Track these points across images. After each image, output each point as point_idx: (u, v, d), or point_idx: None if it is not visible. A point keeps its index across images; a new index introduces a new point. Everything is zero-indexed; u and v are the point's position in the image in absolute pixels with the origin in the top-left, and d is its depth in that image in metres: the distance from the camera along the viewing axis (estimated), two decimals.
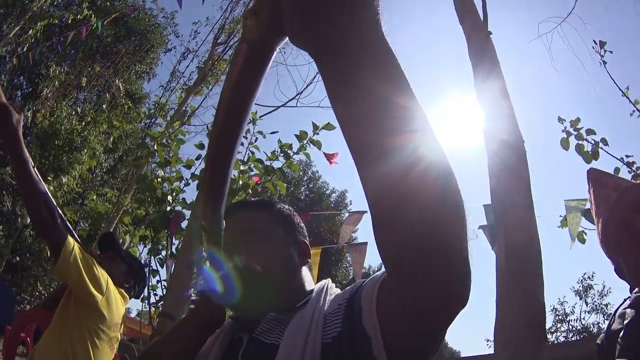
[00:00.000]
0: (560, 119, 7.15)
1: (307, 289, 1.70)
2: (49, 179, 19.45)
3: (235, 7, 17.46)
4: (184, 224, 5.88)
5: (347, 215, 6.62)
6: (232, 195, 5.58)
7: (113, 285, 3.52)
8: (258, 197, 5.53)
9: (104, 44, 25.04)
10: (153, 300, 6.00)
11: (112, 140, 23.13)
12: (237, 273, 1.60)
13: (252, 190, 5.70)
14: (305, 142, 5.88)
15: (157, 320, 5.44)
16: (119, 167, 25.17)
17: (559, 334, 30.74)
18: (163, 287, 5.94)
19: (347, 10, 0.79)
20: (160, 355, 1.71)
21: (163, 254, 6.14)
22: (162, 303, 5.76)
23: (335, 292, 1.63)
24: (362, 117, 0.87)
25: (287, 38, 0.93)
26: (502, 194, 4.23)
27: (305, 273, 1.77)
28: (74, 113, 22.46)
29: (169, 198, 5.99)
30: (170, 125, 6.60)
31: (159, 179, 6.09)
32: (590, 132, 7.03)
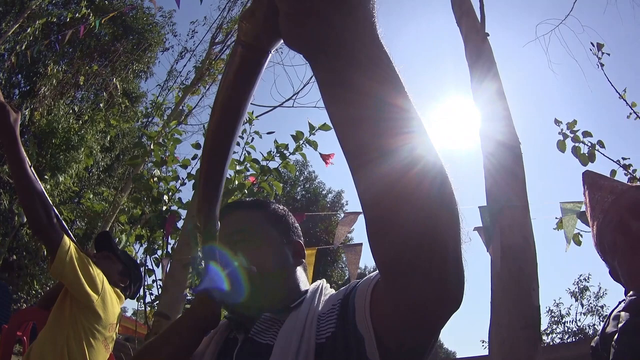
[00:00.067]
0: (557, 121, 7.15)
1: (301, 290, 1.70)
2: (46, 178, 19.40)
3: (233, 6, 17.46)
4: (180, 224, 5.89)
5: (342, 216, 6.62)
6: (227, 195, 5.57)
7: (109, 285, 3.52)
8: (254, 197, 5.54)
9: (102, 43, 25.00)
10: (149, 300, 6.00)
11: (109, 139, 23.06)
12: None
13: (248, 190, 5.69)
14: (302, 142, 5.87)
15: (152, 320, 5.44)
16: (116, 166, 25.13)
17: (555, 336, 30.70)
18: (159, 286, 5.93)
19: (344, 11, 0.79)
20: (156, 355, 1.71)
21: (159, 254, 6.13)
22: (157, 302, 5.76)
23: (330, 292, 1.63)
24: (359, 118, 0.87)
25: (281, 40, 0.93)
26: (498, 194, 4.23)
27: (300, 273, 1.77)
28: (71, 112, 22.40)
29: (165, 197, 5.99)
30: (167, 125, 6.58)
31: (155, 179, 6.08)
32: (587, 134, 7.03)
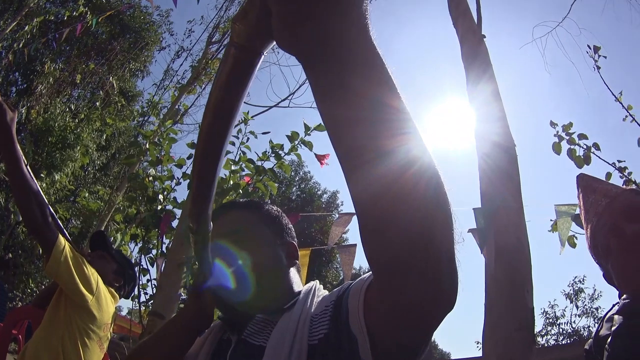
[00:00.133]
0: (553, 123, 7.17)
1: (295, 291, 1.71)
2: (42, 176, 19.37)
3: (230, 6, 17.46)
4: (175, 223, 5.89)
5: (337, 217, 6.62)
6: (222, 195, 5.57)
7: (103, 285, 3.52)
8: (249, 197, 5.54)
9: (99, 41, 24.94)
10: (143, 299, 6.00)
11: (105, 138, 23.02)
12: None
13: (242, 190, 5.69)
14: (297, 142, 5.88)
15: (147, 319, 5.44)
16: (112, 164, 25.07)
17: (550, 337, 30.77)
18: (153, 286, 5.93)
19: (338, 13, 0.79)
20: (149, 355, 1.71)
21: (153, 253, 6.13)
22: (152, 302, 5.75)
23: (323, 293, 1.63)
24: (355, 119, 0.87)
25: (274, 42, 0.93)
26: (493, 194, 4.23)
27: (294, 274, 1.78)
28: (68, 110, 22.35)
29: (160, 197, 5.99)
30: (163, 124, 6.57)
31: (151, 178, 6.08)
32: (583, 136, 7.05)
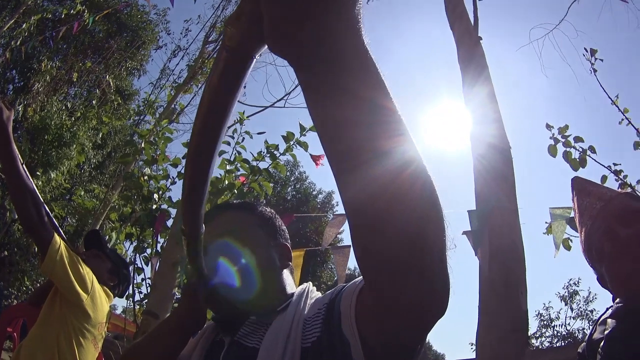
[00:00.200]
0: (549, 126, 7.17)
1: (288, 293, 1.71)
2: (38, 174, 19.35)
3: (227, 5, 17.50)
4: (170, 223, 5.89)
5: (331, 218, 6.62)
6: (217, 195, 5.58)
7: (98, 284, 3.52)
8: (244, 197, 5.54)
9: (96, 40, 24.92)
10: (138, 298, 5.99)
11: (100, 137, 23.02)
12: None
13: (237, 190, 5.69)
14: (292, 143, 5.89)
15: (141, 319, 5.44)
16: (107, 163, 25.04)
17: (544, 339, 30.77)
18: (148, 285, 5.94)
19: (333, 15, 0.79)
20: (143, 356, 1.71)
21: (148, 252, 6.13)
22: (146, 301, 5.76)
23: (316, 295, 1.63)
24: (353, 121, 0.86)
25: (266, 46, 0.93)
26: (488, 195, 4.24)
27: (287, 276, 1.77)
28: (64, 108, 22.33)
29: (155, 196, 5.99)
30: (159, 123, 6.57)
31: (146, 177, 6.08)
32: (578, 139, 7.05)
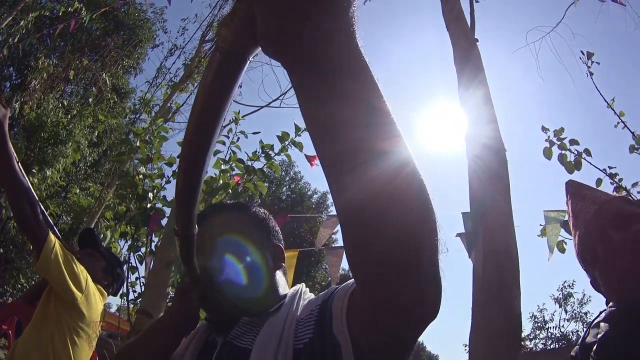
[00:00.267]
0: (544, 128, 7.17)
1: (280, 294, 1.71)
2: (34, 172, 19.32)
3: (225, 4, 17.45)
4: (164, 222, 5.88)
5: (326, 218, 6.63)
6: (212, 195, 5.58)
7: (92, 283, 3.52)
8: (238, 197, 5.55)
9: (93, 37, 24.88)
10: (132, 297, 5.99)
11: (96, 135, 22.97)
12: (210, 277, 1.61)
13: (232, 190, 5.69)
14: (287, 143, 5.90)
15: (135, 318, 5.44)
16: (103, 161, 24.99)
17: (538, 341, 30.80)
18: (142, 284, 5.93)
19: (328, 17, 0.79)
20: (136, 355, 1.72)
21: (142, 251, 6.13)
22: (140, 300, 5.75)
23: (309, 297, 1.64)
24: (350, 122, 0.86)
25: (259, 48, 0.93)
26: (482, 195, 4.25)
27: (280, 277, 1.78)
28: (61, 106, 22.29)
29: (150, 195, 5.99)
30: (154, 122, 6.57)
31: (141, 176, 6.08)
32: (574, 142, 7.06)
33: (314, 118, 0.90)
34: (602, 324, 1.96)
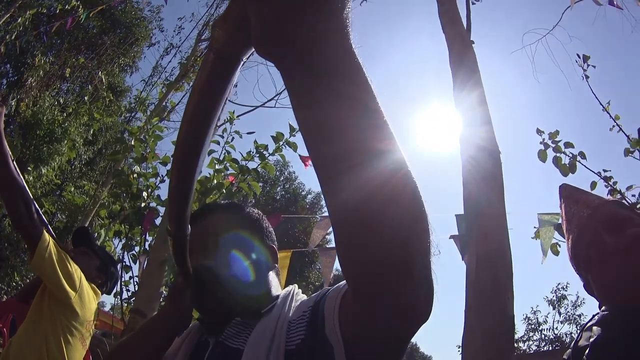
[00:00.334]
0: (539, 131, 7.19)
1: (273, 294, 1.71)
2: (29, 169, 19.27)
3: (221, 3, 17.45)
4: (158, 221, 5.88)
5: (319, 219, 6.64)
6: (206, 194, 5.58)
7: (86, 282, 3.51)
8: (232, 196, 5.55)
9: (90, 35, 24.82)
10: (125, 296, 5.99)
11: (92, 133, 22.92)
12: (203, 277, 1.61)
13: (226, 190, 5.69)
14: (282, 143, 5.90)
15: (128, 317, 5.43)
16: (98, 160, 24.89)
17: (531, 343, 30.81)
18: (135, 283, 5.93)
19: (323, 19, 0.79)
20: (128, 355, 1.71)
21: (136, 250, 6.13)
22: (134, 299, 5.75)
23: (302, 298, 1.64)
24: (346, 123, 0.86)
25: (253, 49, 0.93)
26: (477, 195, 4.25)
27: (272, 278, 1.77)
28: (57, 103, 22.24)
29: (144, 194, 5.98)
30: (149, 121, 6.56)
31: (135, 175, 6.07)
32: (569, 145, 7.08)
33: (309, 119, 0.90)
34: (594, 328, 1.96)
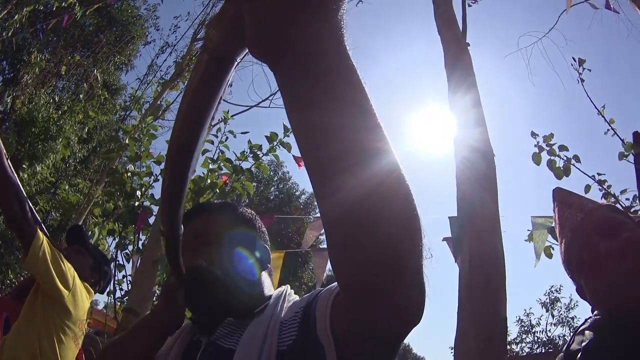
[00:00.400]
0: (534, 134, 7.20)
1: (265, 295, 1.71)
2: (24, 167, 19.25)
3: (217, 3, 17.45)
4: (152, 220, 5.88)
5: (312, 220, 6.65)
6: (199, 194, 5.58)
7: (79, 281, 3.51)
8: (226, 196, 5.55)
9: (86, 33, 24.78)
10: (118, 295, 5.99)
11: (86, 131, 22.88)
12: (195, 277, 1.61)
13: (219, 190, 5.69)
14: (276, 143, 5.89)
15: (121, 315, 5.43)
16: (92, 158, 24.85)
17: (524, 345, 30.86)
18: (128, 282, 5.93)
19: (317, 20, 0.79)
20: (120, 354, 1.71)
21: (130, 249, 6.12)
22: (127, 298, 5.75)
23: (294, 298, 1.64)
24: (341, 124, 0.86)
25: (247, 50, 0.93)
26: (470, 196, 4.26)
27: (265, 278, 1.77)
28: (52, 101, 22.21)
29: (138, 193, 5.98)
30: (144, 120, 6.56)
31: (129, 174, 6.06)
32: (563, 148, 7.09)
33: (303, 120, 0.90)
34: (587, 332, 1.97)
